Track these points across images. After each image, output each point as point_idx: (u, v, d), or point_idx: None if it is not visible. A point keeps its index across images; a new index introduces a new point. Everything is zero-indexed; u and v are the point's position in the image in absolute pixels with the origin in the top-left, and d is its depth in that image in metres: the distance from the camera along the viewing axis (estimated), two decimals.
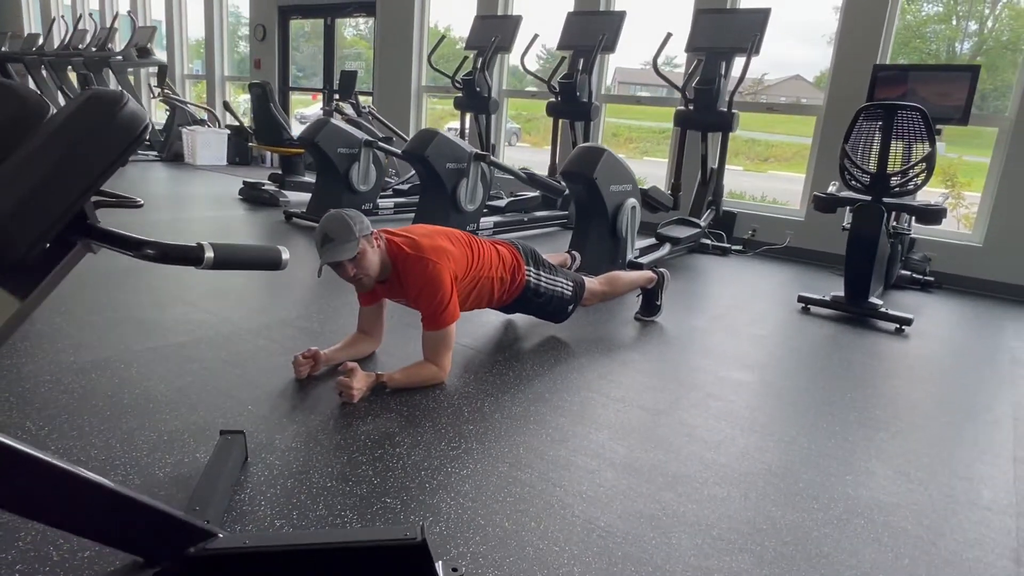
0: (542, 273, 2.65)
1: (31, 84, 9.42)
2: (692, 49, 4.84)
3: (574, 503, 1.63)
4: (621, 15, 5.22)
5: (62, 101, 9.26)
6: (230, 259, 0.88)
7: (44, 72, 9.27)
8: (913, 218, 3.67)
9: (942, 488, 1.85)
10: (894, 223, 3.77)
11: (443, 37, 6.35)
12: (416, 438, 1.89)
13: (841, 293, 3.56)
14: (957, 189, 5.98)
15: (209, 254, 0.84)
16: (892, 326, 3.38)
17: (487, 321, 2.98)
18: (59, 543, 1.34)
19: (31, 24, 12.13)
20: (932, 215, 3.31)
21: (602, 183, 3.65)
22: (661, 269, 3.23)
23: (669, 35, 4.69)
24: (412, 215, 4.83)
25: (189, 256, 0.84)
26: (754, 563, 1.46)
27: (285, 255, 0.97)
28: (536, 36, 5.45)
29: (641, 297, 3.22)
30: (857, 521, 1.65)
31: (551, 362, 2.59)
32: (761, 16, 4.51)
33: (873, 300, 3.47)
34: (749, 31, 4.45)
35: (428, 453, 1.81)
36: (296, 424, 1.92)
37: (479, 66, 5.73)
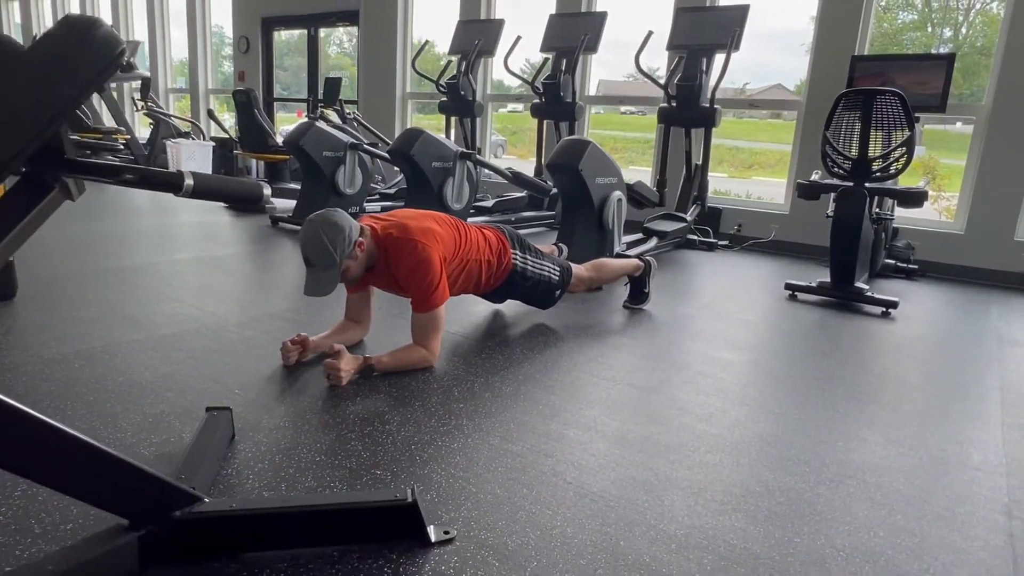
0: (528, 257, 2.66)
1: None
2: (673, 47, 4.89)
3: (566, 471, 1.62)
4: (602, 15, 5.27)
5: None
6: (210, 189, 0.87)
7: None
8: (895, 203, 3.71)
9: (932, 452, 1.85)
10: (877, 209, 3.80)
11: (427, 42, 6.38)
12: (406, 416, 1.88)
13: (827, 280, 3.58)
14: (938, 181, 6.06)
15: (189, 181, 0.83)
16: (878, 310, 3.40)
17: (475, 310, 2.97)
18: (41, 516, 1.31)
19: None
20: (914, 198, 3.34)
21: (588, 174, 3.67)
22: (648, 257, 3.24)
23: (650, 33, 4.75)
24: None
25: (169, 182, 0.83)
26: (747, 521, 1.45)
27: (266, 191, 0.96)
28: (519, 38, 5.50)
29: (629, 285, 3.22)
30: (849, 483, 1.65)
31: (540, 346, 2.58)
32: (740, 12, 4.58)
33: (859, 285, 3.50)
34: (729, 27, 4.51)
35: (418, 429, 1.80)
36: (284, 406, 1.90)
37: (463, 70, 5.77)
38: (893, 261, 4.43)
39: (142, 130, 10.13)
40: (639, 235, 4.58)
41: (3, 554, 1.20)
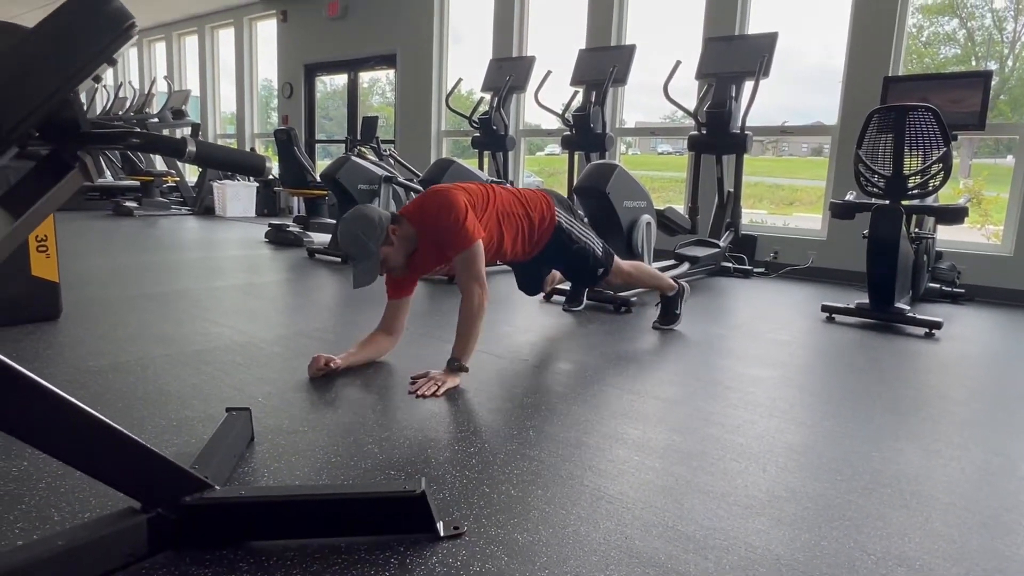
0: (574, 220, 2.75)
1: None
2: (702, 76, 4.92)
3: (583, 475, 1.58)
4: (631, 48, 5.35)
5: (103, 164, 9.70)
6: (212, 157, 0.91)
7: None
8: (934, 221, 3.60)
9: (975, 463, 1.76)
10: (916, 228, 3.70)
11: (459, 80, 6.56)
12: (424, 422, 1.87)
13: (866, 300, 3.47)
14: (983, 206, 5.87)
15: (191, 148, 0.86)
16: (921, 331, 3.27)
17: (505, 331, 2.97)
18: (62, 506, 1.34)
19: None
20: (952, 214, 3.24)
21: (615, 198, 3.67)
22: (682, 281, 3.21)
23: (678, 63, 4.79)
24: None
25: (173, 147, 0.87)
26: (771, 525, 1.39)
27: (269, 164, 0.99)
28: (549, 72, 5.60)
29: (660, 306, 3.19)
30: (883, 490, 1.57)
31: (566, 362, 2.56)
32: (769, 40, 4.59)
33: (900, 306, 3.38)
34: (758, 54, 4.52)
35: (436, 434, 1.79)
36: (306, 412, 1.92)
37: (495, 105, 5.89)
38: (938, 285, 4.27)
39: (191, 174, 10.59)
40: (671, 261, 4.54)
41: (23, 539, 1.22)
